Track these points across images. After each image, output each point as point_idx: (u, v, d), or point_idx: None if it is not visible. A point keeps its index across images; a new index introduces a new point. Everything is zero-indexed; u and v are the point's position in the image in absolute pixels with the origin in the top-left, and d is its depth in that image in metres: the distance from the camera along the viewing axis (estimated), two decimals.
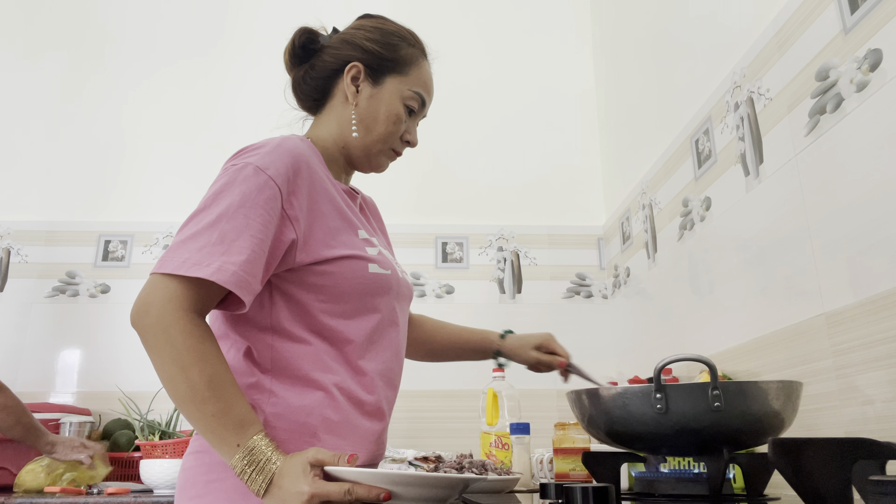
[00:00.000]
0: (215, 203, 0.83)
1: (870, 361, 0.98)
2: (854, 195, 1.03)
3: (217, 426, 0.76)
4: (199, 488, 0.84)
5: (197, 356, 0.77)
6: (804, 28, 1.17)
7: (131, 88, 2.45)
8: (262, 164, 0.86)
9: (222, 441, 0.77)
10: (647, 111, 1.96)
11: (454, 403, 2.12)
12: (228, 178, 0.85)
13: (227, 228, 0.81)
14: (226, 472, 0.82)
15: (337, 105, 1.03)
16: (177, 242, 0.81)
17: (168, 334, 0.76)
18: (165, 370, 0.77)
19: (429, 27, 2.57)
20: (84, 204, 2.31)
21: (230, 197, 0.83)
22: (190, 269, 0.78)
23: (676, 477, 0.81)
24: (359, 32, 1.05)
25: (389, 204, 2.39)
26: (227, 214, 0.82)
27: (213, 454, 0.84)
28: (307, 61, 1.06)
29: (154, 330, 0.76)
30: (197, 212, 0.83)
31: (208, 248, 0.79)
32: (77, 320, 2.17)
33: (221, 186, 0.85)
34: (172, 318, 0.77)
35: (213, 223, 0.81)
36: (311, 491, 0.73)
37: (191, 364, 0.76)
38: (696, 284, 1.58)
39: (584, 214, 2.38)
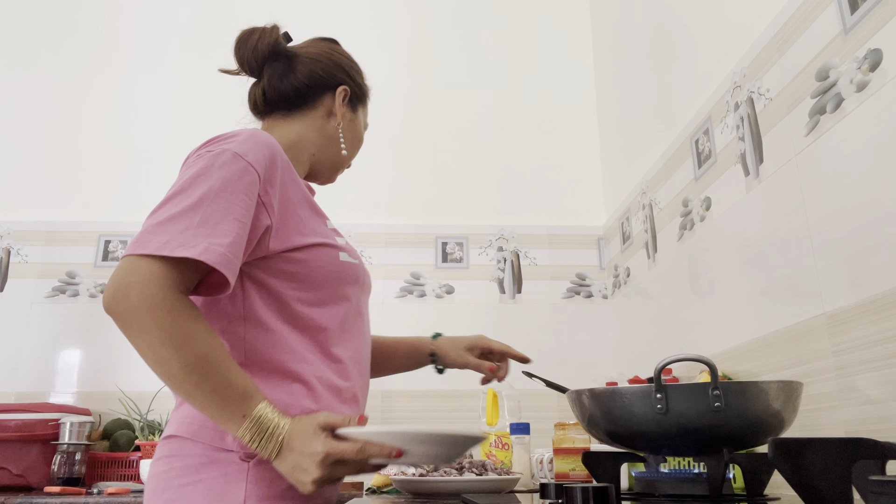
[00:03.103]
0: (194, 186, 0.82)
1: (870, 361, 0.98)
2: (854, 195, 1.03)
3: (219, 401, 0.77)
4: (171, 493, 0.83)
5: (188, 334, 0.76)
6: (804, 28, 1.17)
7: (132, 88, 2.45)
8: (240, 151, 0.86)
9: (226, 415, 0.77)
10: (647, 111, 1.96)
11: (454, 403, 2.12)
12: (206, 162, 0.84)
13: (209, 211, 0.80)
14: (199, 474, 0.82)
15: (317, 117, 1.07)
16: (153, 224, 0.78)
17: (154, 315, 0.74)
18: (155, 352, 0.75)
19: (429, 27, 2.57)
20: (84, 204, 2.31)
21: (209, 181, 0.82)
22: (174, 250, 0.76)
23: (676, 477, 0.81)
24: (343, 59, 1.14)
25: (389, 204, 2.40)
26: (208, 198, 0.80)
27: (186, 458, 0.83)
28: (275, 60, 1.08)
29: (138, 312, 0.74)
30: (173, 195, 0.81)
31: (192, 230, 0.78)
32: (77, 320, 2.16)
33: (200, 170, 0.83)
34: (157, 299, 0.75)
35: (193, 206, 0.80)
36: (325, 450, 0.76)
37: (182, 343, 0.75)
38: (696, 284, 1.58)
39: (584, 214, 2.38)
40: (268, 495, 0.82)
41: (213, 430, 0.84)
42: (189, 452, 0.84)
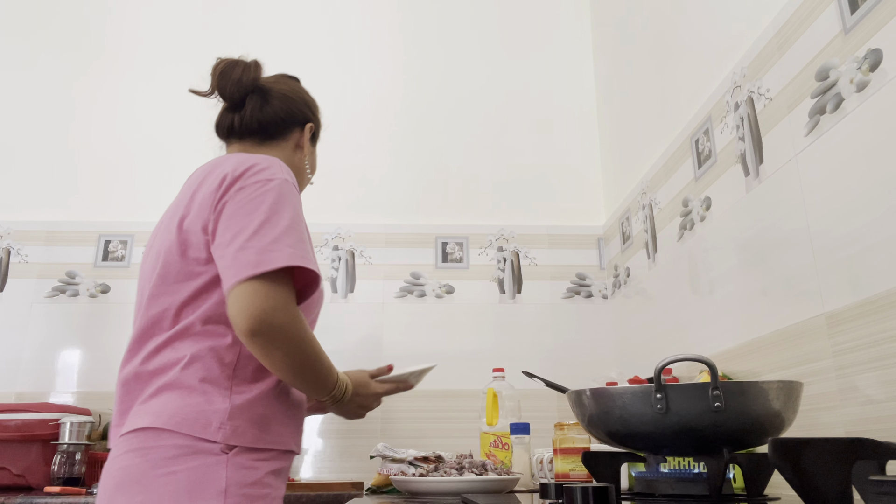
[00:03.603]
0: (276, 212, 0.94)
1: (870, 361, 0.98)
2: (854, 195, 1.03)
3: (323, 379, 0.98)
4: (145, 483, 0.85)
5: (312, 339, 0.95)
6: (804, 28, 1.17)
7: (132, 88, 2.45)
8: (290, 179, 1.01)
9: (323, 387, 0.99)
10: (647, 111, 1.96)
11: (454, 403, 2.12)
12: (274, 189, 0.96)
13: (299, 232, 0.95)
14: (176, 465, 0.86)
15: (286, 147, 1.19)
16: (266, 244, 0.90)
17: (296, 327, 0.91)
18: (294, 358, 0.91)
19: (429, 27, 2.57)
20: (84, 204, 2.31)
21: (287, 206, 0.96)
22: (301, 260, 0.92)
23: (676, 477, 0.81)
24: (309, 98, 1.27)
25: (389, 204, 2.40)
26: (295, 222, 0.95)
27: (161, 450, 0.86)
28: (252, 92, 1.18)
29: (285, 328, 0.89)
30: (265, 220, 0.93)
31: (300, 245, 0.93)
32: (77, 320, 2.17)
33: (272, 197, 0.95)
34: (294, 315, 0.91)
35: (288, 228, 0.93)
36: (379, 391, 1.17)
37: (309, 346, 0.94)
38: (696, 284, 1.58)
39: (584, 214, 2.38)
40: (247, 482, 0.88)
41: (196, 422, 0.88)
42: (165, 444, 0.87)
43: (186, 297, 0.95)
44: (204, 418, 0.88)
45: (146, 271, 1.04)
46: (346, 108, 2.46)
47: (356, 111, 2.46)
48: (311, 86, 2.49)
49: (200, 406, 0.89)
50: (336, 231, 2.30)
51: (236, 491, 0.86)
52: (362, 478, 1.91)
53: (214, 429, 0.88)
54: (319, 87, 2.49)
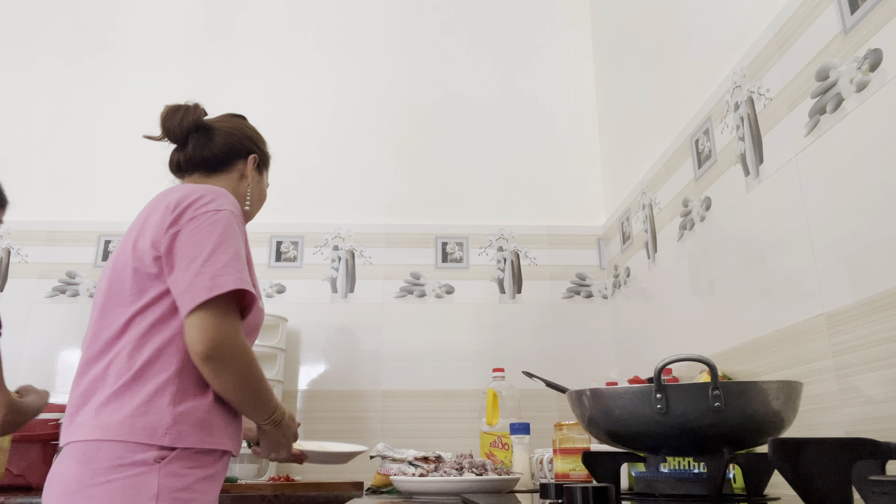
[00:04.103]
0: (222, 242, 1.04)
1: (870, 361, 0.98)
2: (854, 195, 1.03)
3: (266, 401, 1.08)
4: (84, 491, 0.94)
5: (257, 366, 1.06)
6: (804, 28, 1.17)
7: (132, 88, 2.45)
8: (235, 212, 1.10)
9: (264, 410, 1.09)
10: (647, 111, 1.96)
11: (454, 403, 2.12)
12: (219, 220, 1.06)
13: (240, 262, 1.05)
14: (113, 474, 0.94)
15: (232, 178, 1.28)
16: (216, 270, 1.01)
17: (244, 354, 1.02)
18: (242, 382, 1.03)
19: (429, 28, 2.57)
20: (84, 204, 2.31)
21: (230, 237, 1.06)
22: (246, 284, 1.03)
23: (676, 477, 0.81)
24: (253, 132, 1.36)
25: (389, 204, 2.40)
26: (239, 252, 1.06)
27: (100, 462, 0.95)
28: (199, 130, 1.30)
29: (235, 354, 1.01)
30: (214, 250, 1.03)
31: (243, 273, 1.04)
32: (77, 320, 2.16)
33: (217, 228, 1.05)
34: (243, 343, 1.03)
35: (233, 257, 1.04)
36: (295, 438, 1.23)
37: (256, 371, 1.05)
38: (696, 284, 1.58)
39: (584, 214, 2.38)
40: (178, 487, 0.97)
41: (144, 429, 0.98)
42: (106, 455, 0.96)
43: (135, 311, 1.04)
44: (151, 425, 0.98)
45: (101, 286, 1.13)
46: (347, 108, 2.46)
47: (356, 111, 2.46)
48: (310, 86, 2.50)
49: (147, 414, 0.98)
50: (336, 231, 2.30)
51: (167, 495, 0.95)
52: (362, 478, 1.91)
53: (161, 434, 0.98)
54: (320, 87, 2.50)
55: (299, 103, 2.47)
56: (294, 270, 2.25)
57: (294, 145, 2.39)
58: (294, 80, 2.49)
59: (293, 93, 2.48)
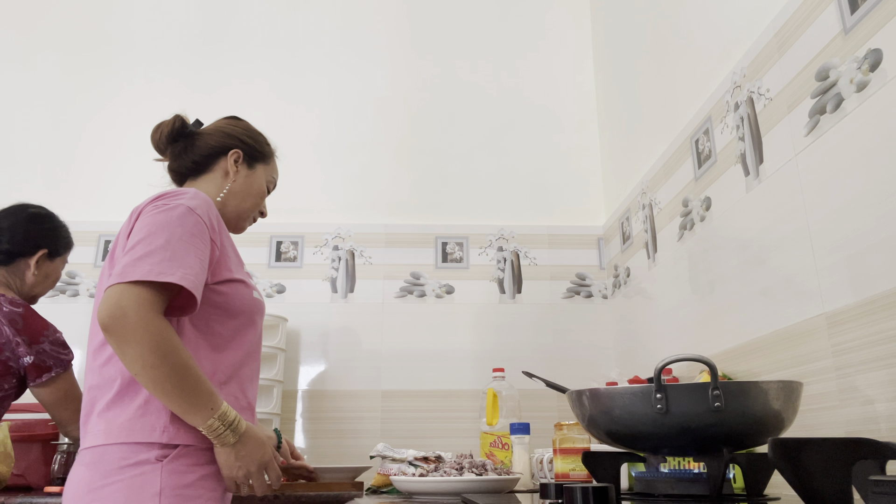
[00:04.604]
0: (159, 232, 1.02)
1: (870, 361, 0.98)
2: (854, 195, 1.03)
3: (193, 398, 0.98)
4: (94, 493, 0.97)
5: (172, 346, 0.97)
6: (804, 28, 1.17)
7: (132, 88, 2.45)
8: (191, 206, 1.08)
9: (197, 409, 0.98)
10: (647, 111, 1.96)
11: (454, 403, 2.12)
12: (166, 215, 1.04)
13: (176, 250, 1.01)
14: (118, 476, 0.96)
15: (216, 177, 1.29)
16: (133, 259, 0.98)
17: (148, 330, 0.95)
18: (145, 359, 0.95)
19: (429, 27, 2.58)
20: (84, 204, 2.31)
21: (171, 228, 1.03)
22: (158, 276, 0.97)
23: (676, 477, 0.81)
24: (236, 129, 1.35)
25: (389, 204, 2.40)
26: (172, 240, 1.01)
27: (105, 464, 0.97)
28: (179, 140, 1.32)
29: (135, 328, 0.94)
30: (142, 238, 1.01)
31: (166, 262, 0.98)
32: (77, 320, 2.16)
33: (162, 220, 1.04)
34: (150, 317, 0.95)
35: (163, 246, 1.00)
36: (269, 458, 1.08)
37: (169, 352, 0.96)
38: (696, 284, 1.58)
39: (584, 214, 2.38)
40: (180, 485, 0.99)
41: (142, 429, 0.99)
42: (109, 458, 0.98)
43: None
44: (149, 425, 1.00)
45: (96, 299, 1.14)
46: (347, 108, 2.46)
47: (357, 111, 2.46)
48: (311, 86, 2.49)
49: (145, 414, 1.00)
50: (336, 231, 2.30)
51: (170, 493, 0.97)
52: (362, 478, 1.91)
53: (160, 432, 0.99)
54: (320, 87, 2.50)
55: (299, 103, 2.47)
56: (294, 270, 2.25)
57: (294, 145, 2.39)
58: (294, 80, 2.49)
59: (293, 93, 2.47)
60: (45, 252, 1.61)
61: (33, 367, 1.43)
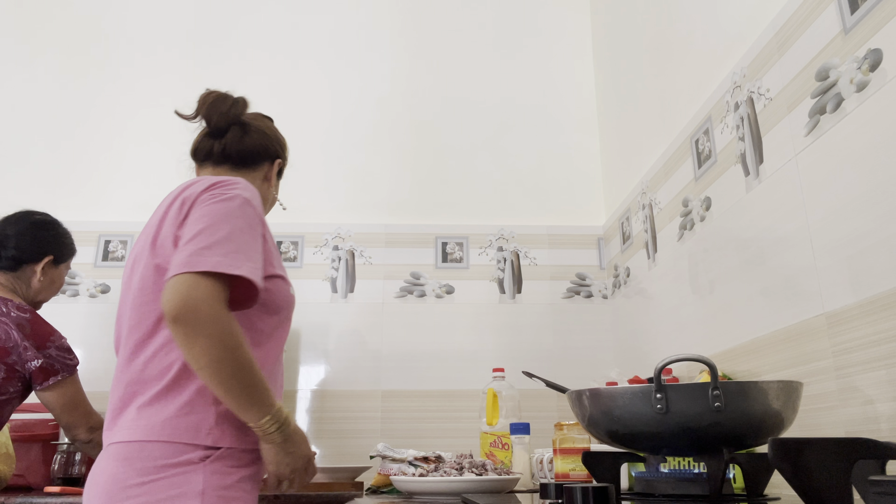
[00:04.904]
0: (221, 222, 1.00)
1: (870, 361, 0.98)
2: (854, 195, 1.03)
3: (253, 395, 0.97)
4: (131, 490, 0.93)
5: (239, 341, 0.95)
6: (804, 28, 1.17)
7: (132, 88, 2.45)
8: (248, 197, 1.06)
9: (255, 406, 0.97)
10: (647, 111, 1.96)
11: (454, 403, 2.12)
12: (226, 205, 1.03)
13: (239, 243, 0.99)
14: (159, 473, 0.94)
15: (256, 178, 1.28)
16: (198, 248, 0.95)
17: (219, 323, 0.93)
18: (213, 353, 0.92)
19: (429, 27, 2.57)
20: (84, 204, 2.31)
21: (233, 219, 1.01)
22: (228, 268, 0.94)
23: (676, 477, 0.81)
24: (281, 137, 1.36)
25: (389, 204, 2.40)
26: (235, 233, 0.99)
27: (145, 461, 0.94)
28: (239, 124, 1.28)
29: (207, 321, 0.92)
30: (204, 228, 0.98)
31: (232, 254, 0.96)
32: (77, 320, 2.17)
33: (223, 210, 1.02)
34: (221, 310, 0.93)
35: (227, 237, 0.98)
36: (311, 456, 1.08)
37: (236, 347, 0.94)
38: (696, 284, 1.58)
39: (584, 214, 2.38)
40: (221, 486, 0.97)
41: (187, 429, 0.97)
42: (148, 455, 0.95)
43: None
44: (194, 425, 0.97)
45: (126, 282, 1.12)
46: (347, 107, 2.46)
47: (356, 111, 2.46)
48: (311, 86, 2.49)
49: (191, 414, 0.98)
50: (336, 231, 2.30)
51: (212, 493, 0.95)
52: (362, 478, 1.91)
53: (204, 434, 0.97)
54: (320, 87, 2.50)
55: (300, 103, 2.46)
56: (294, 270, 2.25)
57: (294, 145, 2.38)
58: (294, 80, 2.49)
59: (294, 93, 2.47)
60: (50, 258, 1.62)
61: (40, 370, 1.44)
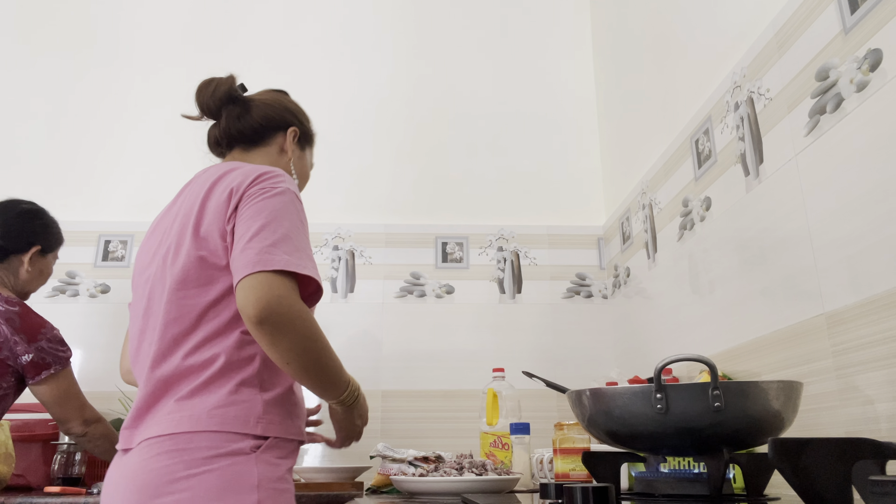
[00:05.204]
0: (279, 219, 0.99)
1: (870, 361, 0.98)
2: (854, 195, 1.03)
3: (334, 377, 1.02)
4: (178, 484, 0.89)
5: (320, 332, 0.98)
6: (804, 28, 1.17)
7: (131, 88, 2.45)
8: (295, 191, 1.05)
9: (336, 386, 1.03)
10: (647, 111, 1.96)
11: (454, 403, 2.12)
12: (279, 200, 1.02)
13: (297, 242, 0.99)
14: (209, 465, 0.91)
15: (272, 152, 1.24)
16: (266, 246, 0.95)
17: (304, 319, 0.95)
18: (300, 347, 0.94)
19: (430, 27, 2.58)
20: (84, 204, 2.31)
21: (289, 216, 1.01)
22: (297, 267, 0.95)
23: (676, 477, 0.81)
24: (292, 105, 1.31)
25: (389, 204, 2.40)
26: (293, 231, 1.00)
27: (193, 452, 0.91)
28: (231, 104, 1.23)
29: (294, 318, 0.93)
30: (265, 225, 0.98)
31: (297, 253, 0.97)
32: (77, 320, 2.17)
33: (277, 207, 1.01)
34: (301, 307, 0.95)
35: (287, 236, 0.98)
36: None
37: (319, 338, 0.97)
38: (696, 284, 1.58)
39: (584, 214, 2.38)
40: (274, 477, 0.95)
41: (236, 419, 0.95)
42: (197, 446, 0.91)
43: (209, 302, 1.00)
44: (243, 415, 0.95)
45: (156, 274, 1.06)
46: (347, 108, 2.46)
47: (357, 111, 2.46)
48: (311, 86, 2.49)
49: (238, 403, 0.95)
50: (336, 231, 2.30)
51: (267, 485, 0.93)
52: (362, 478, 1.91)
53: (253, 423, 0.95)
54: (320, 87, 2.50)
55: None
56: None
57: None
58: (294, 80, 2.49)
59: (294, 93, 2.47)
60: (38, 248, 1.59)
61: (32, 364, 1.42)
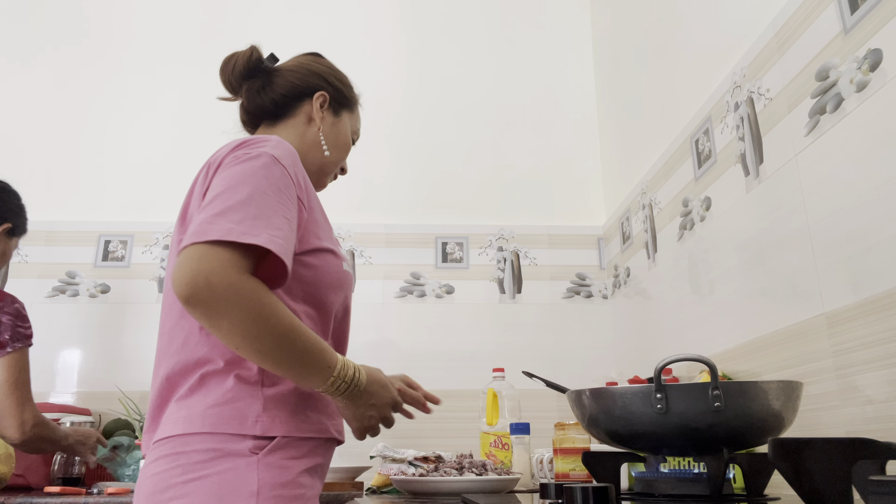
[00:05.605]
0: (241, 184, 0.85)
1: (870, 361, 0.98)
2: (854, 195, 1.03)
3: (307, 361, 0.84)
4: (175, 490, 0.82)
5: (272, 308, 0.81)
6: (804, 28, 1.17)
7: (131, 88, 2.45)
8: (276, 155, 0.90)
9: (314, 371, 0.85)
10: (647, 111, 1.96)
11: (454, 403, 2.12)
12: (247, 165, 0.88)
13: (261, 206, 0.83)
14: (206, 469, 0.82)
15: (298, 124, 1.11)
16: (210, 216, 0.81)
17: (241, 294, 0.78)
18: (245, 328, 0.79)
19: (429, 28, 2.57)
20: (84, 204, 2.31)
21: (255, 180, 0.86)
22: (240, 236, 0.79)
23: (676, 477, 0.81)
24: (321, 67, 1.16)
25: (389, 204, 2.40)
26: (257, 194, 0.84)
27: (190, 455, 0.83)
28: (252, 77, 1.13)
29: (225, 294, 0.78)
30: (222, 191, 0.84)
31: (249, 220, 0.81)
32: (77, 320, 2.16)
33: (243, 171, 0.87)
34: (240, 279, 0.79)
35: (245, 201, 0.83)
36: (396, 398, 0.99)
37: (270, 315, 0.80)
38: (696, 284, 1.58)
39: (584, 214, 2.38)
40: (279, 483, 0.84)
41: (232, 418, 0.85)
42: (196, 448, 0.84)
43: None
44: (240, 414, 0.86)
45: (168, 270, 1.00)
46: None
47: None
48: None
49: (234, 402, 0.86)
50: (336, 231, 2.30)
51: (268, 493, 0.83)
52: (362, 478, 1.91)
53: (251, 423, 0.86)
54: None
55: None
56: None
57: None
58: None
59: None
60: (9, 226, 1.50)
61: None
